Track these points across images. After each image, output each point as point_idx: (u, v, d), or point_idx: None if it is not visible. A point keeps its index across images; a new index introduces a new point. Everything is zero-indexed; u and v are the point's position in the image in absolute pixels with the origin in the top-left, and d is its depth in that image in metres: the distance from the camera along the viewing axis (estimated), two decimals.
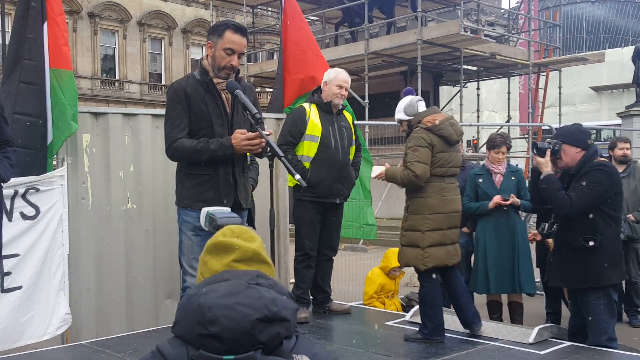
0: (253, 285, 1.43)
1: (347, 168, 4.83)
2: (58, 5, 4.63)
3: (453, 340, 4.25)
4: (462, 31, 13.90)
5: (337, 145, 4.73)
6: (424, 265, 4.11)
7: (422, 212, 4.07)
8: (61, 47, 4.60)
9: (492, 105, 25.84)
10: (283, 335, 1.39)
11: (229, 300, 1.37)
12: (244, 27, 3.56)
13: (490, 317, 5.49)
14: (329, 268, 5.01)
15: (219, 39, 3.45)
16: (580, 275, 3.97)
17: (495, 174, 5.44)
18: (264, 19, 29.23)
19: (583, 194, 3.89)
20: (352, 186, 4.94)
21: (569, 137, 4.10)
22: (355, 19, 16.59)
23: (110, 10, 31.47)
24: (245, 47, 3.56)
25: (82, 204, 4.77)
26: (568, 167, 4.10)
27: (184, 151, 3.39)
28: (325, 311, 4.95)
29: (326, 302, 4.99)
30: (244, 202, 3.57)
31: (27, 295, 4.43)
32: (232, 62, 3.45)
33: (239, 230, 1.62)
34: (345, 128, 4.85)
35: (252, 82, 17.02)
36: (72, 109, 4.60)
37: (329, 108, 4.77)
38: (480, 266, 5.38)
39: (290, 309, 1.42)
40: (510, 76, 18.84)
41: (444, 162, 4.11)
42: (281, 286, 1.49)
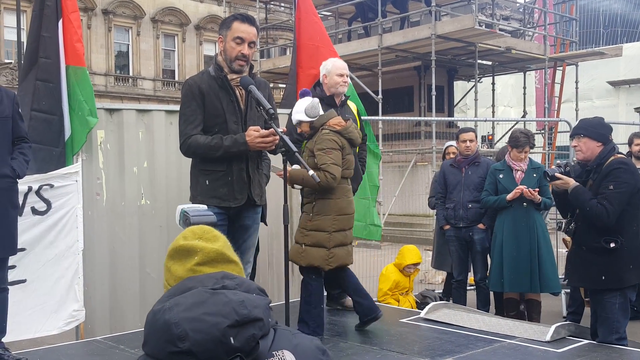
0: (218, 290, 1.36)
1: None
2: (72, 2, 4.66)
3: (469, 338, 4.21)
4: (476, 25, 13.77)
5: None
6: (329, 265, 4.10)
7: (330, 213, 4.06)
8: (74, 44, 4.63)
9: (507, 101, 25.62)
10: (258, 335, 1.34)
11: (195, 312, 1.30)
12: (251, 17, 3.56)
13: (507, 314, 5.43)
14: None
15: (227, 31, 3.45)
16: (600, 277, 3.92)
17: (516, 171, 5.37)
18: (276, 14, 29.19)
19: (614, 198, 3.83)
20: (359, 180, 4.81)
21: (591, 131, 4.03)
22: (368, 14, 16.51)
23: (124, 7, 31.59)
24: (255, 36, 3.53)
25: (96, 199, 4.78)
26: (586, 161, 4.04)
27: (198, 147, 3.38)
28: (340, 307, 4.89)
29: (341, 298, 4.93)
30: (257, 199, 3.55)
31: (32, 289, 4.45)
32: (242, 50, 3.43)
33: (200, 231, 1.55)
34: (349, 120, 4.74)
35: (265, 78, 17.02)
36: (89, 104, 4.64)
37: (332, 101, 4.68)
38: (495, 263, 5.32)
39: (262, 307, 1.37)
40: (526, 71, 18.66)
41: (349, 164, 4.18)
42: (249, 283, 1.43)
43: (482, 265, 5.61)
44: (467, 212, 5.57)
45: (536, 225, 5.24)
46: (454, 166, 5.74)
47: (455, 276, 5.77)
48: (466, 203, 5.57)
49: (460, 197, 5.61)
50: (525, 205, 5.23)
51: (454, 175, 5.69)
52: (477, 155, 5.74)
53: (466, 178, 5.62)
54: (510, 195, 5.20)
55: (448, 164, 5.82)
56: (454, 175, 5.69)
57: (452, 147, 6.36)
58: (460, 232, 5.64)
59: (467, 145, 5.66)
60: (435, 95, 14.12)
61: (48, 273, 4.53)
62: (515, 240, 5.23)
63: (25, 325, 4.40)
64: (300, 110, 4.30)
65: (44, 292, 4.51)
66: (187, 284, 1.41)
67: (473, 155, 5.68)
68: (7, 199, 3.89)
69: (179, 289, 1.41)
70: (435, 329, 4.49)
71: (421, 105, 16.50)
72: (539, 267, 5.19)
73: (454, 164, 5.75)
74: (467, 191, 5.59)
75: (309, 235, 4.14)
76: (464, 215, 5.58)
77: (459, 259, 5.73)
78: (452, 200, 5.67)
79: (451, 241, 5.73)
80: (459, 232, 5.65)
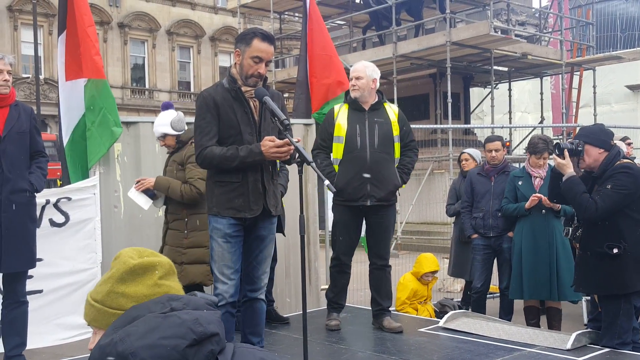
0: (168, 312, 1.34)
1: (380, 167, 4.47)
2: (88, 17, 4.73)
3: (488, 347, 4.17)
4: (492, 32, 13.71)
5: (363, 144, 4.46)
6: (210, 280, 4.04)
7: (205, 227, 3.92)
8: (93, 57, 4.70)
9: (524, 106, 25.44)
10: (217, 350, 1.32)
11: (150, 339, 1.27)
12: (271, 35, 3.55)
13: (527, 322, 5.38)
14: (382, 278, 4.66)
15: (246, 47, 3.44)
16: (604, 282, 3.92)
17: (535, 178, 5.31)
18: (290, 24, 29.32)
19: (608, 197, 3.80)
20: (388, 187, 4.50)
21: (592, 138, 3.99)
22: (382, 22, 16.52)
23: (140, 20, 31.96)
24: (273, 54, 3.55)
25: (114, 212, 4.82)
26: (591, 169, 4.00)
27: (214, 159, 3.39)
28: (378, 327, 4.65)
29: (379, 317, 4.67)
30: (273, 209, 3.55)
31: (48, 299, 4.49)
32: (259, 70, 3.44)
33: (141, 250, 1.52)
34: (380, 123, 4.53)
35: (279, 88, 17.09)
36: (113, 115, 4.71)
37: (359, 105, 4.60)
38: (515, 270, 5.27)
39: (215, 321, 1.35)
40: (542, 76, 18.52)
41: None
42: (195, 300, 1.41)
43: (508, 274, 5.53)
44: (497, 221, 5.48)
45: (555, 233, 5.17)
46: (481, 175, 5.65)
47: (477, 286, 5.66)
48: (495, 212, 5.48)
49: (490, 206, 5.52)
50: (544, 213, 5.17)
51: (482, 184, 5.60)
52: (506, 164, 5.68)
53: (495, 187, 5.54)
54: (528, 204, 5.16)
55: (475, 173, 5.73)
56: (482, 184, 5.60)
57: (464, 154, 6.36)
58: (490, 241, 5.55)
59: (493, 155, 5.59)
60: (451, 102, 14.05)
61: (64, 284, 4.58)
62: (534, 248, 5.17)
63: (40, 334, 4.44)
64: (165, 123, 4.37)
65: (60, 302, 4.56)
66: (132, 313, 1.37)
67: (502, 164, 5.61)
68: (25, 213, 3.94)
69: (123, 320, 1.36)
70: (455, 338, 4.45)
71: (437, 112, 16.44)
72: (558, 275, 5.12)
73: (481, 172, 5.67)
74: (496, 200, 5.49)
75: (187, 253, 4.20)
76: (494, 225, 5.50)
77: (484, 268, 5.61)
78: (480, 209, 5.58)
79: (477, 250, 5.63)
80: (488, 241, 5.56)
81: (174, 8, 33.79)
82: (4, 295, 4.03)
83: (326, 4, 17.41)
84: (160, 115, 4.44)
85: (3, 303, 4.01)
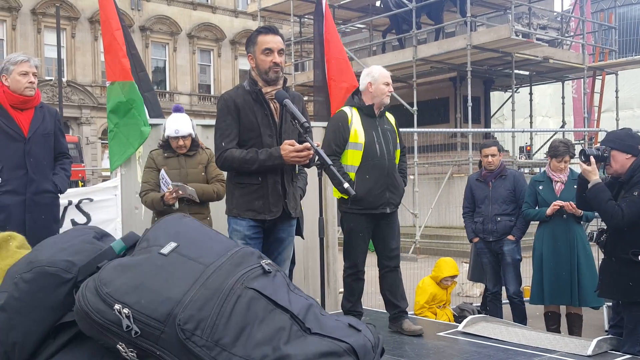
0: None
1: (395, 174, 4.51)
2: (115, 20, 4.82)
3: (508, 352, 4.13)
4: (513, 35, 13.63)
5: (382, 152, 4.41)
6: None
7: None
8: (121, 60, 4.78)
9: (545, 111, 25.24)
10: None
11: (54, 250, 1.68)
12: (273, 27, 3.60)
13: (548, 328, 5.34)
14: (396, 279, 4.61)
15: (255, 46, 3.50)
16: (628, 289, 3.86)
17: (555, 182, 5.28)
18: (310, 28, 29.37)
19: (634, 203, 3.74)
20: (401, 193, 4.57)
21: (618, 143, 3.93)
22: (402, 26, 16.50)
23: (161, 24, 32.28)
24: (282, 43, 3.54)
25: (135, 213, 4.86)
26: (618, 174, 3.94)
27: (234, 161, 3.41)
28: (397, 330, 4.58)
29: (399, 320, 4.60)
30: (292, 212, 3.56)
31: None
32: (274, 60, 3.46)
33: None
34: (390, 131, 4.52)
35: (299, 91, 17.12)
36: (142, 116, 4.79)
37: (371, 111, 4.45)
38: (535, 276, 5.24)
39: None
40: (564, 80, 18.37)
41: None
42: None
43: (513, 279, 5.52)
44: (497, 225, 5.55)
45: (576, 238, 5.13)
46: (480, 180, 5.73)
47: (490, 288, 5.73)
48: (494, 217, 5.56)
49: (489, 211, 5.59)
50: (565, 217, 5.14)
51: (481, 189, 5.68)
52: (503, 168, 5.72)
53: (493, 191, 5.60)
54: (549, 211, 5.13)
55: (474, 178, 5.83)
56: (481, 189, 5.68)
57: None
58: (491, 245, 5.63)
59: (489, 160, 5.65)
60: (471, 106, 13.99)
61: None
62: (555, 253, 5.14)
63: None
64: (191, 125, 4.51)
65: None
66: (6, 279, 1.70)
67: (499, 169, 5.66)
68: (49, 214, 4.01)
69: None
70: (474, 342, 4.42)
71: (457, 116, 16.37)
72: (579, 280, 5.08)
73: (479, 178, 5.75)
74: (495, 205, 5.56)
75: None
76: (493, 229, 5.57)
77: (492, 270, 5.71)
78: (480, 214, 5.66)
79: (483, 253, 5.73)
80: (489, 245, 5.65)
81: (194, 11, 34.10)
82: None
83: (346, 8, 17.44)
84: (182, 117, 4.49)
85: None
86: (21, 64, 3.92)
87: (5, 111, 3.89)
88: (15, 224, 3.82)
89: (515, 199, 5.54)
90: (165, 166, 4.42)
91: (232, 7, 35.47)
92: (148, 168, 4.48)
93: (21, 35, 28.88)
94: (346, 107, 4.54)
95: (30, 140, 3.91)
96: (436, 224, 13.64)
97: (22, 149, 3.88)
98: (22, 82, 3.91)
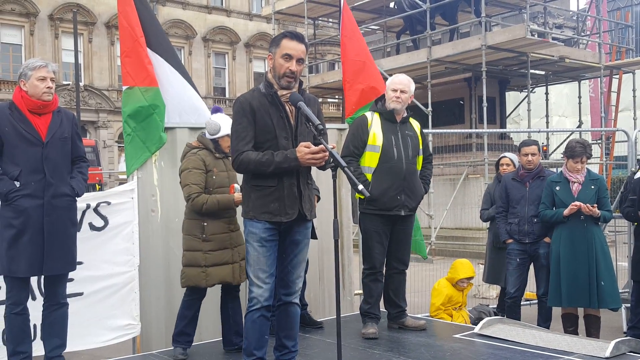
0: None
1: (412, 178, 4.67)
2: (138, 28, 4.88)
3: (525, 354, 4.11)
4: (528, 35, 13.53)
5: (400, 155, 4.59)
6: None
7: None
8: (146, 66, 4.82)
9: (562, 110, 25.05)
10: None
11: None
12: (300, 35, 3.58)
13: (565, 330, 5.29)
14: (401, 282, 4.86)
15: (277, 49, 3.50)
16: None
17: (572, 183, 5.22)
18: (325, 30, 29.43)
19: None
20: (419, 198, 4.74)
21: None
22: (417, 27, 16.45)
23: (177, 28, 32.49)
24: (304, 53, 3.56)
25: (151, 216, 4.90)
26: None
27: (250, 163, 3.43)
28: (400, 327, 4.82)
29: (400, 317, 4.85)
30: (308, 214, 3.56)
31: (88, 302, 4.59)
32: (290, 67, 3.47)
33: None
34: (411, 137, 4.71)
35: (313, 93, 17.13)
36: (163, 122, 4.83)
37: (392, 116, 4.67)
38: (553, 278, 5.18)
39: None
40: (580, 80, 18.20)
41: None
42: None
43: (546, 280, 5.44)
44: (533, 227, 5.40)
45: (594, 239, 5.08)
46: (516, 180, 5.57)
47: (512, 292, 5.57)
48: (531, 218, 5.40)
49: (525, 212, 5.44)
50: (583, 219, 5.08)
51: (517, 189, 5.53)
52: (541, 169, 5.59)
53: (530, 192, 5.46)
54: (567, 212, 5.07)
55: (510, 178, 5.64)
56: (517, 189, 5.53)
57: (506, 158, 6.22)
58: (526, 247, 5.47)
59: (529, 159, 5.50)
60: (486, 106, 13.92)
61: (104, 287, 4.67)
62: (572, 255, 5.08)
63: (80, 336, 4.54)
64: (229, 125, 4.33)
65: (100, 305, 4.66)
66: None
67: (537, 169, 5.53)
68: (67, 217, 4.04)
69: None
70: (490, 344, 4.40)
71: (472, 117, 16.28)
72: (597, 282, 5.02)
73: (516, 177, 5.59)
74: (532, 206, 5.41)
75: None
76: (530, 231, 5.42)
77: (518, 274, 5.52)
78: (515, 215, 5.50)
79: (512, 256, 5.54)
80: (524, 247, 5.48)
81: (209, 15, 34.28)
82: (45, 297, 4.13)
83: (360, 9, 17.42)
84: (222, 116, 4.46)
85: (44, 305, 4.11)
86: (39, 69, 3.97)
87: (23, 116, 3.94)
88: (33, 227, 3.88)
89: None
90: (215, 168, 4.31)
91: (247, 10, 35.60)
92: (197, 169, 4.23)
93: (39, 40, 29.21)
94: (368, 112, 4.81)
95: (48, 145, 3.95)
96: (451, 225, 13.59)
97: (40, 153, 3.92)
98: (40, 87, 3.95)
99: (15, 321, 3.94)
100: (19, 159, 3.89)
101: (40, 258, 3.89)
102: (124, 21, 4.91)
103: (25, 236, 3.86)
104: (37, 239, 3.88)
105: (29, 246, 3.87)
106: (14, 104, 3.96)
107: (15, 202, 3.85)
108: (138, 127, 4.81)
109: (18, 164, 3.89)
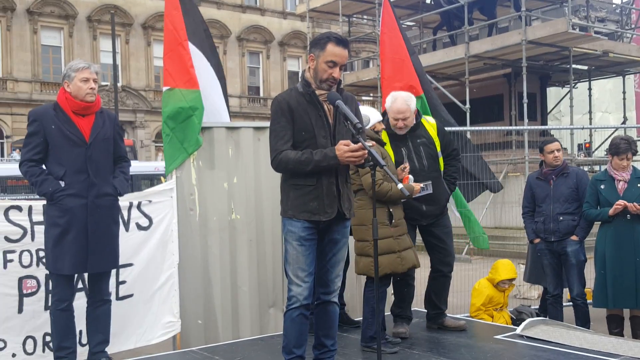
0: None
1: (433, 188, 4.65)
2: (183, 32, 4.94)
3: (569, 356, 4.02)
4: (570, 29, 13.25)
5: (414, 166, 4.59)
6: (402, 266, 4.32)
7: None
8: (189, 69, 4.89)
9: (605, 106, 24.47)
10: None
11: None
12: (345, 39, 3.54)
13: (610, 332, 5.17)
14: (444, 284, 4.84)
15: (321, 52, 3.45)
16: None
17: (618, 181, 5.10)
18: (359, 27, 29.33)
19: None
20: (443, 202, 4.75)
21: None
22: (454, 22, 16.27)
23: (211, 27, 32.54)
24: (347, 58, 3.55)
25: (190, 215, 4.95)
26: None
27: (289, 162, 3.42)
28: (439, 327, 4.81)
29: (439, 318, 4.85)
30: (347, 212, 3.55)
31: (137, 302, 4.67)
32: (334, 74, 3.45)
33: None
34: (424, 144, 4.69)
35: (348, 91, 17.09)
36: (200, 124, 4.89)
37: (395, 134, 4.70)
38: (598, 279, 5.07)
39: None
40: (624, 74, 17.74)
41: None
42: None
43: (577, 280, 5.33)
44: (559, 225, 5.34)
45: None
46: (540, 179, 5.52)
47: (551, 291, 5.51)
48: (557, 216, 5.34)
49: (550, 210, 5.38)
50: (629, 218, 4.95)
51: (542, 187, 5.47)
52: (565, 166, 5.50)
53: (555, 190, 5.39)
54: (612, 211, 4.96)
55: (534, 177, 5.62)
56: (542, 187, 5.47)
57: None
58: (552, 245, 5.41)
59: (556, 155, 5.43)
60: (527, 102, 13.68)
61: (148, 286, 4.74)
62: (618, 255, 4.96)
63: (126, 336, 4.62)
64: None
65: (144, 304, 4.72)
66: None
67: (561, 166, 5.45)
68: (109, 216, 4.12)
69: None
70: (533, 346, 4.31)
71: (512, 113, 16.03)
72: None
73: (540, 176, 5.53)
74: (557, 203, 5.35)
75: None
76: (555, 229, 5.35)
77: (554, 272, 5.47)
78: (541, 213, 5.45)
79: (543, 255, 5.50)
80: (550, 245, 5.42)
81: (244, 14, 34.53)
82: (89, 294, 4.21)
83: (396, 5, 17.24)
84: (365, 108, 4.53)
85: (88, 301, 4.19)
86: (82, 71, 4.04)
87: (68, 117, 4.02)
88: (78, 226, 3.96)
89: (578, 197, 5.33)
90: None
91: (281, 9, 35.74)
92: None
93: (78, 42, 29.87)
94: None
95: (92, 146, 4.03)
96: (491, 225, 13.39)
97: (84, 154, 4.00)
98: (83, 88, 4.03)
99: (60, 317, 4.03)
100: (63, 160, 3.98)
101: (84, 256, 3.98)
102: (169, 24, 4.98)
103: (69, 235, 3.95)
104: (81, 237, 3.96)
105: (73, 245, 3.95)
106: (59, 105, 4.05)
107: (61, 202, 3.94)
108: (177, 128, 4.86)
109: (63, 165, 3.97)
